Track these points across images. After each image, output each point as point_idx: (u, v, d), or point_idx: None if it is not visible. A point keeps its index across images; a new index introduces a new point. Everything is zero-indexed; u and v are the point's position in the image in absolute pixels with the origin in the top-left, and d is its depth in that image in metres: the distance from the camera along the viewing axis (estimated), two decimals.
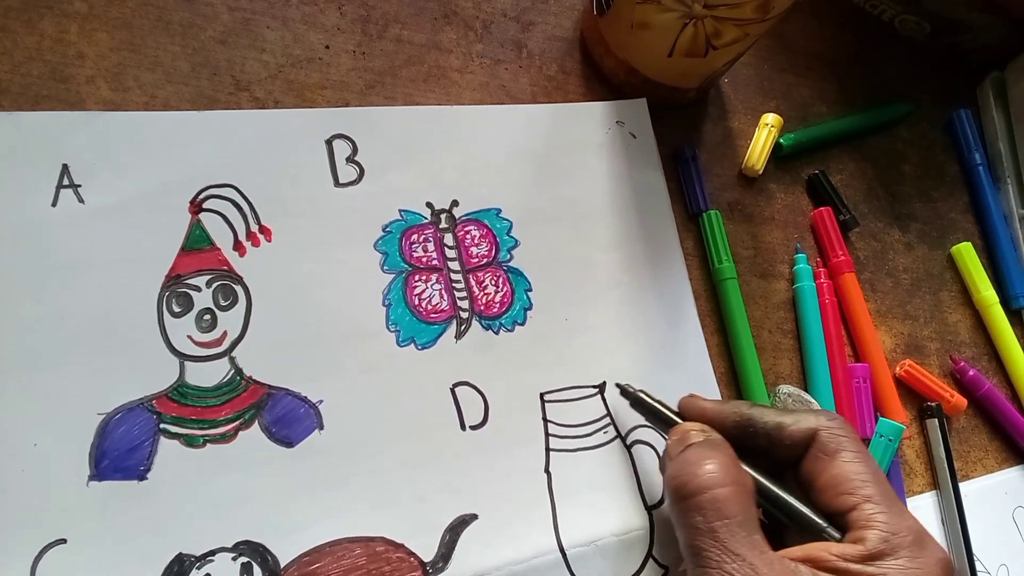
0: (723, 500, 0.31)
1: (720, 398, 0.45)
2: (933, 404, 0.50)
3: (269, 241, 0.39)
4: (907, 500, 0.47)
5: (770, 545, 0.31)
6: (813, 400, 0.45)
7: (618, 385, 0.41)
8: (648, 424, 0.42)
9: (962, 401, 0.51)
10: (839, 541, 0.32)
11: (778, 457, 0.36)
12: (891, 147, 0.58)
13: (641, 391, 0.40)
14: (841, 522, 0.33)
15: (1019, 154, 0.58)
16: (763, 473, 0.35)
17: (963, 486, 0.49)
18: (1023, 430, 0.52)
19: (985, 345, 0.56)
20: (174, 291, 0.36)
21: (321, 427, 0.37)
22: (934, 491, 0.49)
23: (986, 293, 0.55)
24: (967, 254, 0.56)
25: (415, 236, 0.41)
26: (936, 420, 0.50)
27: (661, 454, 0.41)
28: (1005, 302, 0.56)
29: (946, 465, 0.49)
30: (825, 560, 0.30)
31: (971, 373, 0.52)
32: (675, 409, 0.39)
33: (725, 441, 0.35)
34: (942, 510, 0.49)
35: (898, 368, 0.51)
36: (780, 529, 0.35)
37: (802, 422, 0.35)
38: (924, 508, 0.48)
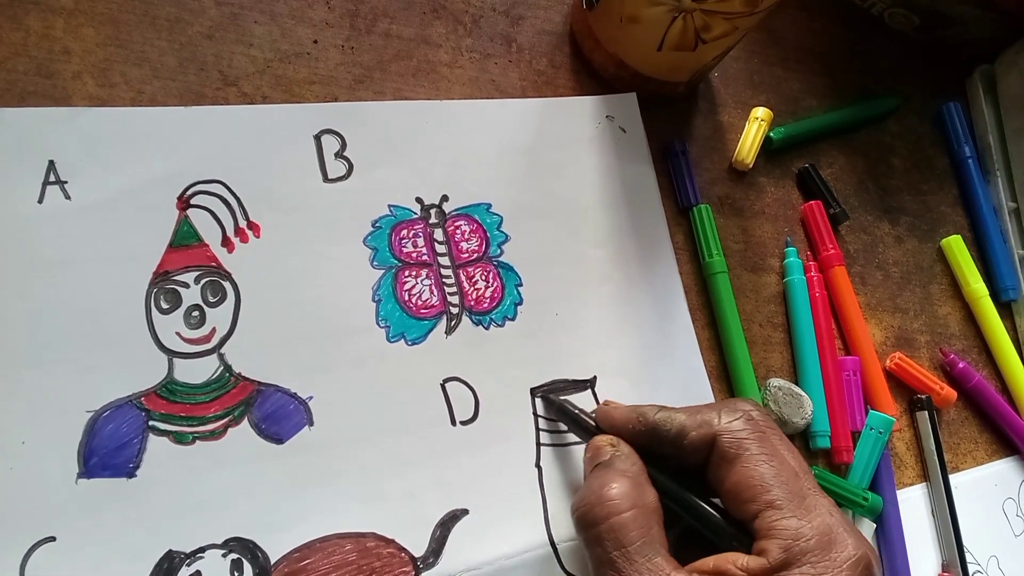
0: (620, 528, 0.31)
1: (713, 397, 0.45)
2: (923, 396, 0.50)
3: (258, 237, 0.38)
4: (897, 492, 0.47)
5: (677, 561, 0.30)
6: (803, 393, 0.46)
7: (538, 394, 0.41)
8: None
9: (952, 393, 0.51)
10: (748, 551, 0.31)
11: (688, 464, 0.34)
12: (881, 140, 0.58)
13: (565, 400, 0.40)
14: (750, 529, 0.32)
15: (1009, 147, 0.59)
16: (679, 479, 0.34)
17: (953, 478, 0.50)
18: (1013, 422, 0.53)
19: (975, 337, 0.56)
20: (162, 288, 0.36)
21: (311, 423, 0.37)
22: (924, 483, 0.50)
23: (976, 286, 0.55)
24: (957, 247, 0.56)
25: (405, 231, 0.41)
26: (926, 412, 0.50)
27: None
28: (995, 294, 0.56)
29: (936, 457, 0.49)
30: (731, 573, 0.30)
31: (961, 365, 0.53)
32: (594, 417, 0.38)
33: (633, 455, 0.35)
34: (932, 502, 0.49)
35: (888, 361, 0.51)
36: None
37: (702, 427, 0.33)
38: (914, 500, 0.49)
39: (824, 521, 0.30)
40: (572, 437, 0.41)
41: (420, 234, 0.42)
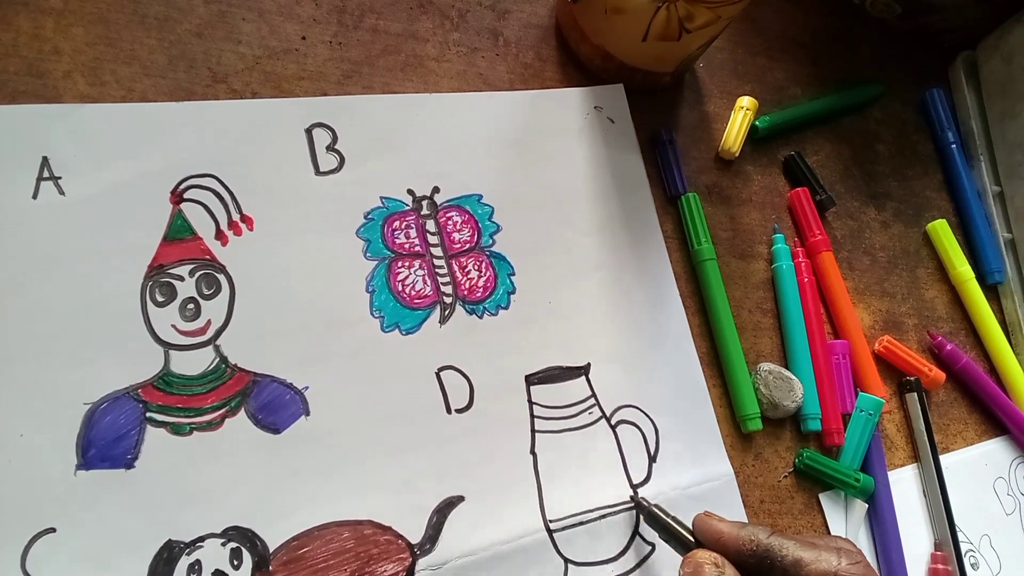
0: None
1: (705, 382, 0.46)
2: (912, 378, 0.51)
3: (251, 230, 0.39)
4: (888, 473, 0.48)
5: None
6: (794, 377, 0.46)
7: (633, 498, 0.41)
8: (635, 406, 0.43)
9: (940, 375, 0.52)
10: None
11: None
12: (865, 127, 0.59)
13: (656, 506, 0.39)
14: None
15: (992, 131, 0.59)
16: None
17: (944, 459, 0.50)
18: (1001, 402, 0.53)
19: (962, 320, 0.57)
20: (157, 281, 0.36)
21: (307, 413, 0.37)
22: (915, 464, 0.50)
23: (962, 269, 0.56)
24: (942, 231, 0.57)
25: (397, 223, 0.42)
26: (915, 394, 0.50)
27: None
28: (980, 277, 0.57)
29: (926, 438, 0.50)
30: None
31: (949, 348, 0.53)
32: (689, 528, 0.38)
33: None
34: (923, 483, 0.50)
35: (877, 344, 0.52)
36: None
37: (821, 562, 0.34)
38: (905, 481, 0.49)
39: None
40: (567, 424, 0.42)
41: (412, 225, 0.42)
